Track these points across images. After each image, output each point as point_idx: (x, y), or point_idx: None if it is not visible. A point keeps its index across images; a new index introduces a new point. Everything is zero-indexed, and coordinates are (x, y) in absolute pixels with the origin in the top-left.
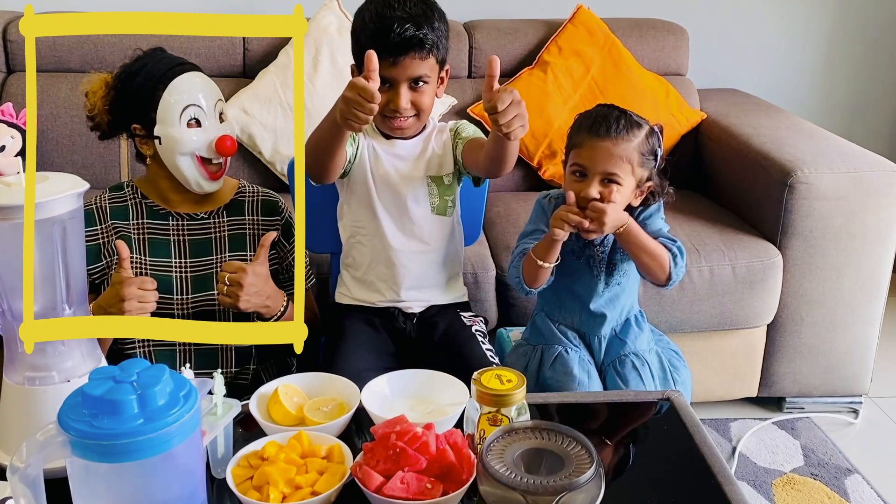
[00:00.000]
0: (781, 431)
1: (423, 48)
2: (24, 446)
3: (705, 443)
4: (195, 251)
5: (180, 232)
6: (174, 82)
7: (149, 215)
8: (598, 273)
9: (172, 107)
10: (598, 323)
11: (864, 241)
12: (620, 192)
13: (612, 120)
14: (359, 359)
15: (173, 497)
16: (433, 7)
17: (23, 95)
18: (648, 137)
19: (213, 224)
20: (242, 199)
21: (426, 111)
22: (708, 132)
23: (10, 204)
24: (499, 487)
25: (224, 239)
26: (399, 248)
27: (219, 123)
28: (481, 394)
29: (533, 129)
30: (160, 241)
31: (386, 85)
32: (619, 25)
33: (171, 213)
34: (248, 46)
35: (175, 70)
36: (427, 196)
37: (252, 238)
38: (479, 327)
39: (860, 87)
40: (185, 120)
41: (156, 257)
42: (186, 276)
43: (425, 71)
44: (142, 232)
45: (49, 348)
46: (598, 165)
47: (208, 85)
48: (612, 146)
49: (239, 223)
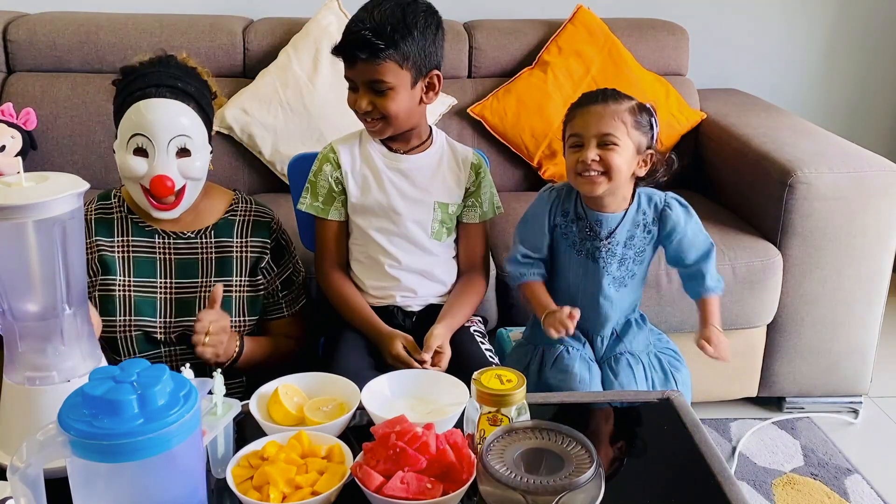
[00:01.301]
0: (781, 431)
1: (373, 54)
2: (24, 446)
3: (705, 443)
4: (180, 272)
5: (166, 251)
6: (135, 106)
7: (134, 232)
8: (605, 266)
9: (123, 130)
10: (602, 321)
11: (864, 241)
12: (619, 153)
13: (598, 92)
14: (358, 358)
15: (173, 497)
16: (408, 11)
17: (23, 95)
18: (639, 109)
19: (200, 244)
20: (233, 219)
21: (395, 117)
22: (708, 132)
23: (10, 204)
24: (499, 487)
25: (211, 261)
26: (394, 262)
27: (172, 160)
28: (481, 394)
29: (533, 128)
30: (145, 259)
31: (352, 87)
32: (619, 25)
33: (157, 231)
34: (248, 46)
35: (147, 92)
36: (430, 221)
37: (239, 261)
38: (478, 327)
39: (860, 87)
40: (132, 147)
41: (140, 277)
42: (171, 297)
43: (383, 77)
44: (127, 250)
45: (49, 348)
46: (592, 128)
47: (172, 118)
48: (603, 108)
49: (227, 245)
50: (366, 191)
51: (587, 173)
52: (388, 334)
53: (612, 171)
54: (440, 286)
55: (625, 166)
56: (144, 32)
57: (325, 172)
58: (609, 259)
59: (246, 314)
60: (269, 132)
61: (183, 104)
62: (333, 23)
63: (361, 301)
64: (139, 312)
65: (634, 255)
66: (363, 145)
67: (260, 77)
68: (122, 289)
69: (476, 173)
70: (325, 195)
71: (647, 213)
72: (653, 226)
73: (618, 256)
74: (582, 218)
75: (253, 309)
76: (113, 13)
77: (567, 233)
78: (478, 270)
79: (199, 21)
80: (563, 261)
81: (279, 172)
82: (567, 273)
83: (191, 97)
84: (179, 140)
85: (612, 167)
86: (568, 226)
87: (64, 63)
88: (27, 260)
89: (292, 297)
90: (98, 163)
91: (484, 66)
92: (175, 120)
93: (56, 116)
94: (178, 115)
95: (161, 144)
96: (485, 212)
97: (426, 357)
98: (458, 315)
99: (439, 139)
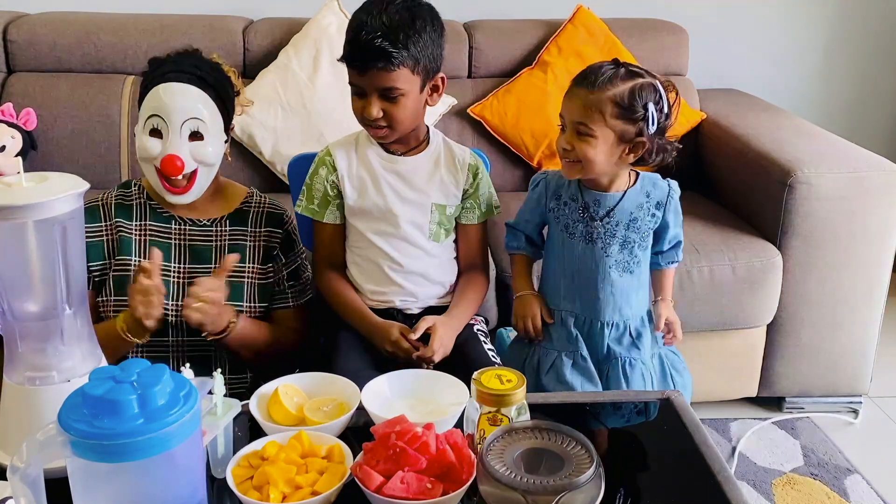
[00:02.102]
0: (781, 431)
1: (388, 61)
2: (24, 446)
3: (705, 443)
4: (194, 258)
5: (182, 236)
6: (155, 88)
7: (152, 217)
8: (604, 247)
9: (143, 111)
10: (602, 306)
11: (864, 241)
12: (592, 144)
13: (598, 71)
14: (358, 358)
15: (173, 497)
16: (416, 14)
17: (23, 95)
18: (638, 91)
19: (215, 232)
20: (248, 209)
21: (402, 122)
22: (708, 132)
23: (10, 204)
24: (499, 487)
25: (224, 249)
26: (394, 265)
27: (185, 142)
28: (481, 393)
29: (533, 129)
30: (161, 243)
31: (359, 93)
32: (619, 25)
33: (174, 217)
34: (248, 46)
35: (168, 77)
36: (427, 223)
37: (252, 250)
38: (481, 327)
39: (860, 87)
40: (149, 128)
41: None
42: (183, 282)
43: (396, 83)
44: (143, 233)
45: (49, 348)
46: (570, 114)
47: (187, 101)
48: (586, 95)
49: (240, 234)
50: (363, 193)
51: (563, 158)
52: (382, 325)
53: (585, 163)
54: (439, 287)
55: (600, 156)
56: (144, 32)
57: (321, 176)
58: (608, 240)
59: (256, 300)
60: (269, 132)
61: (200, 90)
62: (333, 23)
63: (355, 298)
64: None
65: (639, 238)
66: (360, 148)
67: (260, 77)
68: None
69: (474, 175)
70: (320, 198)
71: (652, 195)
72: (657, 210)
73: (619, 238)
74: (576, 199)
75: (264, 296)
76: (113, 13)
77: (560, 216)
78: (477, 270)
79: (199, 21)
80: (557, 244)
81: (279, 172)
82: (563, 257)
83: (209, 85)
84: (192, 123)
85: (582, 158)
86: (561, 209)
87: (64, 63)
88: (27, 260)
89: (299, 289)
90: (98, 163)
91: (484, 66)
92: (190, 104)
93: (56, 116)
94: (193, 99)
95: (174, 125)
96: (483, 212)
97: (413, 336)
98: (459, 315)
99: (436, 140)
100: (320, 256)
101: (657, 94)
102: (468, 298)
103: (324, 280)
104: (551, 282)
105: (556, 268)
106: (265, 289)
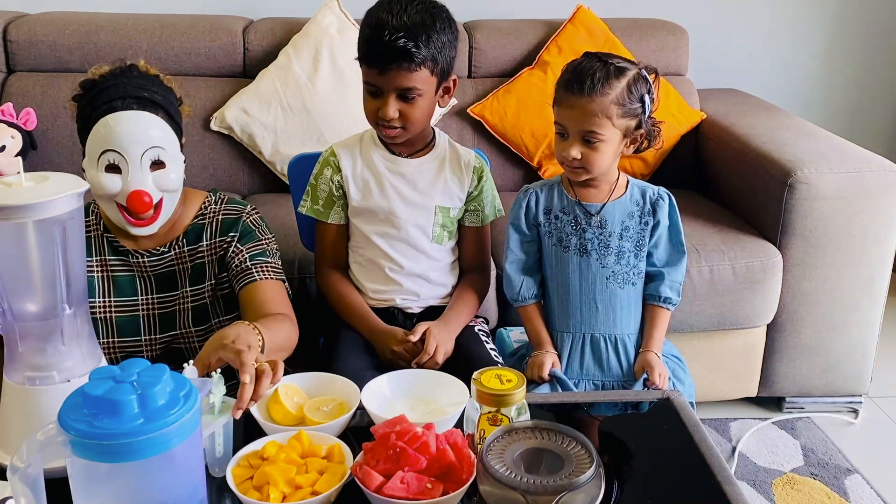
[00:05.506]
0: (781, 431)
1: (411, 61)
2: (25, 446)
3: (705, 443)
4: (161, 286)
5: (143, 269)
6: (103, 120)
7: (110, 251)
8: (599, 259)
9: (92, 147)
10: (602, 320)
11: (864, 241)
12: (603, 149)
13: (588, 74)
14: (358, 358)
15: (173, 497)
16: (437, 16)
17: (23, 95)
18: (632, 85)
19: (175, 255)
20: (202, 223)
21: (415, 123)
22: (708, 132)
23: (10, 204)
24: (499, 487)
25: (186, 270)
26: (395, 266)
27: (147, 173)
28: (481, 393)
29: (533, 129)
30: (124, 278)
31: (375, 92)
32: (619, 25)
33: (130, 252)
34: (248, 46)
35: (113, 105)
36: (431, 225)
37: (210, 264)
38: (482, 327)
39: (860, 87)
40: (103, 164)
41: (121, 297)
42: (154, 314)
43: (415, 84)
44: (106, 270)
45: (49, 348)
46: (575, 125)
47: (143, 130)
48: (588, 103)
49: (198, 251)
50: (367, 195)
51: (570, 167)
52: (385, 332)
53: (593, 168)
54: (441, 289)
55: (609, 157)
56: (144, 32)
57: (326, 176)
58: (603, 251)
59: (192, 325)
60: (269, 132)
61: (152, 114)
62: (333, 23)
63: (359, 300)
64: (122, 334)
65: (634, 248)
66: (364, 149)
67: (260, 77)
68: (104, 310)
69: (479, 178)
70: (325, 199)
71: (641, 203)
72: (649, 216)
73: (614, 249)
74: (567, 211)
75: (197, 319)
76: (113, 13)
77: (552, 230)
78: (479, 273)
79: (199, 21)
80: (552, 260)
81: (279, 172)
82: (558, 273)
83: (159, 106)
84: (153, 152)
85: (594, 165)
86: (552, 222)
87: (64, 63)
88: (27, 260)
89: (271, 267)
90: None
91: (484, 66)
92: (146, 132)
93: (56, 116)
94: (148, 126)
95: (134, 159)
96: (486, 215)
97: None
98: (455, 318)
99: (442, 141)
100: (323, 257)
101: (647, 82)
102: (466, 301)
103: (326, 280)
104: (548, 298)
105: (551, 282)
106: (201, 310)
